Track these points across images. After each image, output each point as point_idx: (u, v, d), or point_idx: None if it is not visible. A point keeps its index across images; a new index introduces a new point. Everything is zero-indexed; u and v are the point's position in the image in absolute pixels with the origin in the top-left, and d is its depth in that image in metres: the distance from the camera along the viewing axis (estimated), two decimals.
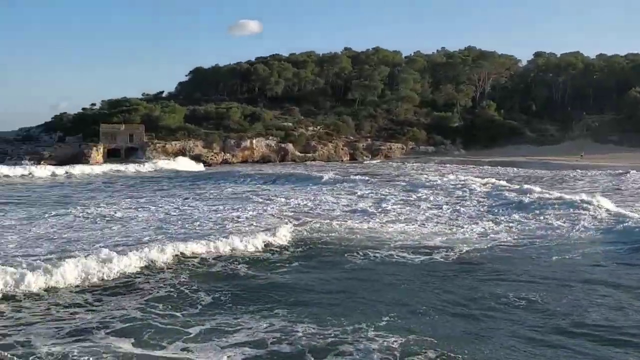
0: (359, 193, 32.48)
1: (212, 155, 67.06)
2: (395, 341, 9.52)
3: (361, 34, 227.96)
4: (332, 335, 9.83)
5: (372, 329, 10.06)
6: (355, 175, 42.56)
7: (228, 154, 68.80)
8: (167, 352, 9.18)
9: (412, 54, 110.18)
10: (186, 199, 30.56)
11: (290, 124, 79.15)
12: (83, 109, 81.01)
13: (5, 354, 7.94)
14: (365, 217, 23.75)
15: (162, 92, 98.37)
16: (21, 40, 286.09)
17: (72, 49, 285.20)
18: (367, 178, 39.56)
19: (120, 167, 54.24)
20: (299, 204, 28.04)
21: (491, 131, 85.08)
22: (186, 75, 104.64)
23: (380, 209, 25.91)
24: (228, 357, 9.03)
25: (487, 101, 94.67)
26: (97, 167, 52.72)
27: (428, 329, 10.17)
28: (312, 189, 34.72)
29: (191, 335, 9.84)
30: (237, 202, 28.48)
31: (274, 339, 9.73)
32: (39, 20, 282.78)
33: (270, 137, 73.51)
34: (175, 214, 24.69)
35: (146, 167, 55.32)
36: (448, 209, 25.90)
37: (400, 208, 26.37)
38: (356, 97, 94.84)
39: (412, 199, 29.46)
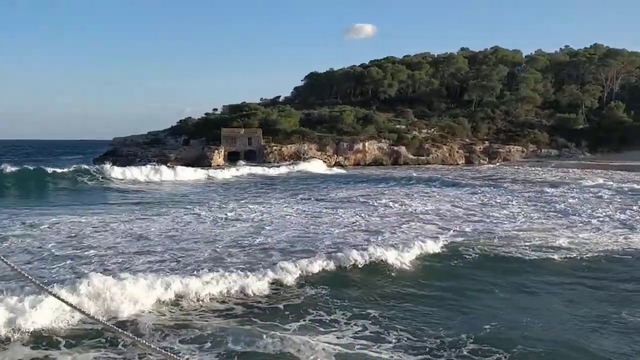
0: (516, 201, 28.17)
1: (325, 158, 67.94)
2: None
3: (478, 34, 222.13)
4: None
5: None
6: (499, 180, 40.98)
7: (341, 157, 69.40)
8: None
9: (533, 52, 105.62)
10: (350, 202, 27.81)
11: (404, 126, 78.40)
12: (206, 113, 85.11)
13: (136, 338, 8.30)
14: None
15: (279, 97, 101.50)
16: (152, 51, 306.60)
17: (195, 58, 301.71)
18: (506, 184, 37.35)
19: (258, 170, 53.50)
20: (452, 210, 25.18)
21: (620, 134, 79.42)
22: (301, 80, 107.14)
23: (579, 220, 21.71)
24: None
25: (616, 101, 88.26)
26: (234, 170, 51.78)
27: None
28: (458, 192, 32.97)
29: None
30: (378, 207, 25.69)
31: None
32: (167, 35, 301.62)
33: (382, 140, 73.26)
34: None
35: (280, 170, 55.61)
36: None
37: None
38: (473, 98, 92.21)
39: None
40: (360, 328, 9.49)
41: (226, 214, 22.56)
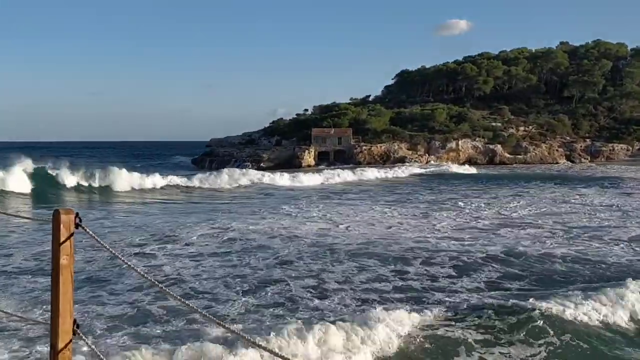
0: None
1: (417, 157, 67.18)
2: None
3: (579, 26, 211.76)
4: None
5: None
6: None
7: (432, 156, 68.40)
8: None
9: None
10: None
11: (499, 124, 76.12)
12: (297, 114, 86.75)
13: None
14: None
15: (369, 96, 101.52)
16: (246, 54, 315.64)
17: (286, 61, 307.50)
18: None
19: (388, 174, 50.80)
20: None
21: None
22: (392, 79, 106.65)
23: None
24: None
25: None
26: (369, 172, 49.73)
27: None
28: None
29: None
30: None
31: None
32: (260, 38, 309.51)
33: (477, 138, 71.48)
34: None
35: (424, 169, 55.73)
36: None
37: None
38: (573, 94, 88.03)
39: None
40: None
41: None
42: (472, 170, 57.28)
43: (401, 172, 51.15)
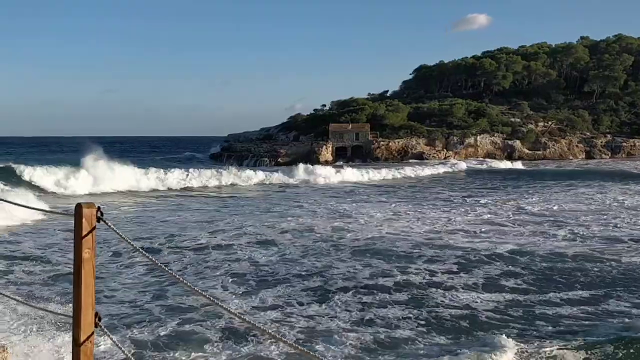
0: None
1: (435, 153, 66.80)
2: None
3: (600, 21, 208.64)
4: None
5: None
6: None
7: (450, 152, 67.97)
8: None
9: None
10: None
11: (518, 120, 75.38)
12: (315, 110, 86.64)
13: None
14: None
15: (386, 92, 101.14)
16: (264, 50, 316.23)
17: (304, 55, 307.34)
18: None
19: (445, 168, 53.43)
20: None
21: None
22: (410, 74, 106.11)
23: None
24: None
25: None
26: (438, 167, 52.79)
27: None
28: None
29: None
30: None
31: None
32: (275, 37, 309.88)
33: (495, 134, 70.90)
34: None
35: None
36: None
37: None
38: (594, 90, 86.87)
39: None
40: None
41: None
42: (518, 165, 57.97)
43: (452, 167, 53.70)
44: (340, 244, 15.66)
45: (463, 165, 55.94)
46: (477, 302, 10.44)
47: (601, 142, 73.64)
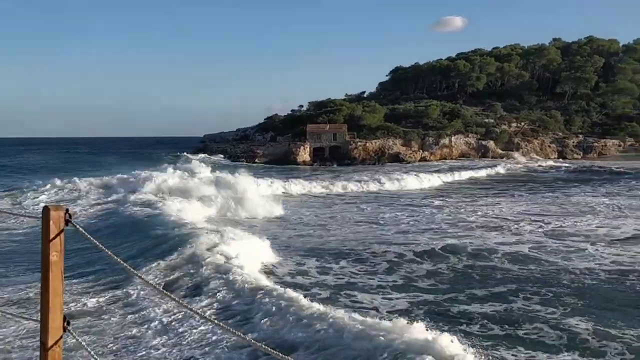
0: None
1: (411, 153, 67.27)
2: None
3: (572, 23, 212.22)
4: None
5: None
6: None
7: (426, 152, 68.50)
8: None
9: (632, 41, 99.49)
10: None
11: (492, 120, 76.30)
12: (292, 110, 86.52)
13: None
14: None
15: (363, 93, 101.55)
16: (241, 50, 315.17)
17: (281, 56, 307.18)
18: None
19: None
20: None
21: None
22: (386, 75, 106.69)
23: None
24: None
25: None
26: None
27: None
28: None
29: None
30: None
31: None
32: (253, 35, 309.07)
33: (469, 135, 71.68)
34: None
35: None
36: None
37: None
38: (566, 91, 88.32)
39: None
40: None
41: None
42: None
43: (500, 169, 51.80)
44: None
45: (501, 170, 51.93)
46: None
47: (573, 142, 74.83)
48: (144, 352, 7.89)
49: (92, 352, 3.61)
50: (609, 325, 9.33)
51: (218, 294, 10.08)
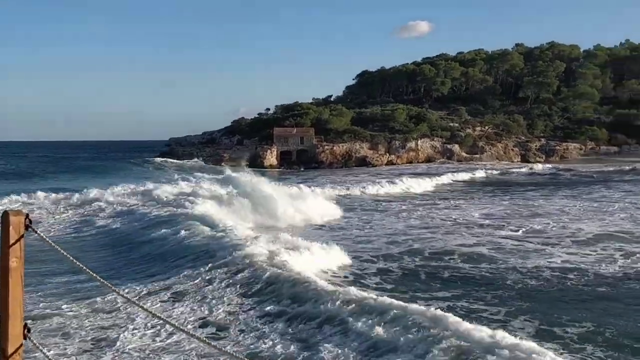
0: None
1: (377, 157, 67.76)
2: None
3: (534, 28, 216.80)
4: None
5: None
6: None
7: (393, 155, 69.10)
8: None
9: (592, 47, 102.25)
10: None
11: (457, 125, 77.42)
12: (259, 113, 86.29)
13: None
14: None
15: (330, 96, 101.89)
16: (205, 52, 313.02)
17: (248, 59, 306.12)
18: None
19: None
20: None
21: None
22: (353, 79, 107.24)
23: None
24: None
25: None
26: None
27: None
28: None
29: None
30: None
31: None
32: (220, 36, 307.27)
33: (435, 138, 72.58)
34: None
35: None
36: None
37: None
38: (528, 95, 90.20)
39: None
40: None
41: None
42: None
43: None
44: None
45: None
46: None
47: (536, 146, 76.33)
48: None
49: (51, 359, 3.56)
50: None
51: None
